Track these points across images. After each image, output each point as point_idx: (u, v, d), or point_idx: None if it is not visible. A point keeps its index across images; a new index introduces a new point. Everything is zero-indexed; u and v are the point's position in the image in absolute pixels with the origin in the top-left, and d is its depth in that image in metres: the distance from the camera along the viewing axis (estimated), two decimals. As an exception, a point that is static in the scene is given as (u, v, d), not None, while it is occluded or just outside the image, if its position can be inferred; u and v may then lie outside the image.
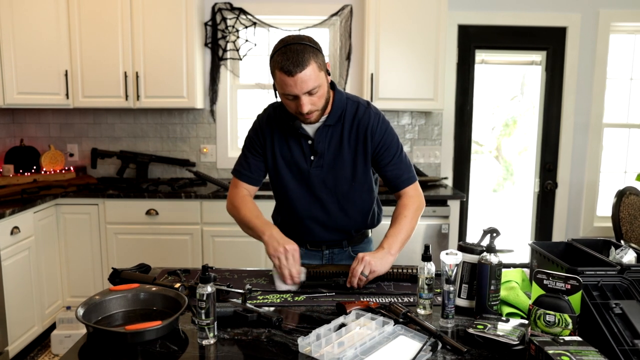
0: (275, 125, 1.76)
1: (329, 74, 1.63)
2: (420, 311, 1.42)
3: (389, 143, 1.74)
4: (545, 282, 1.26)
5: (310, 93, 1.55)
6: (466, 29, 3.86)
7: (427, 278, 1.40)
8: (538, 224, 4.07)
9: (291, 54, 1.49)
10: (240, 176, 1.83)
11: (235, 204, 1.80)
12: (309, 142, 1.73)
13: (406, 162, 1.79)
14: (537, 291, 1.27)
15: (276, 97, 1.66)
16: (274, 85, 1.61)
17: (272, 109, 1.81)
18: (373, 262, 1.58)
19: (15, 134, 3.87)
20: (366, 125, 1.72)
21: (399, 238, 1.68)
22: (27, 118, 3.88)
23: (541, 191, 4.04)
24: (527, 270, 1.71)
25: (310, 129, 1.72)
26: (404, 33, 3.47)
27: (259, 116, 1.83)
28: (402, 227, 1.70)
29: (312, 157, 1.74)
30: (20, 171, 3.53)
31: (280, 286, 1.61)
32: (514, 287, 1.47)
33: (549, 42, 3.89)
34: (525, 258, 1.78)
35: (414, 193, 1.79)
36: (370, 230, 1.97)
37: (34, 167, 3.61)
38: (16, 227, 2.85)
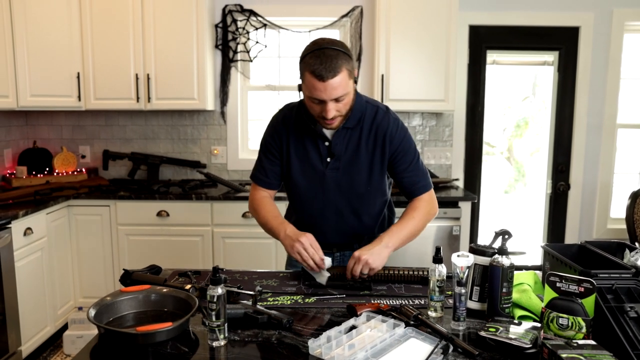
0: (292, 126, 1.76)
1: (356, 82, 1.63)
2: (432, 313, 1.41)
3: (406, 149, 1.74)
4: (558, 284, 1.25)
5: (337, 100, 1.55)
6: (477, 29, 3.84)
7: (438, 280, 1.39)
8: (550, 225, 4.03)
9: (325, 59, 1.49)
10: (257, 181, 1.85)
11: (254, 206, 1.84)
12: (326, 143, 1.73)
13: (422, 170, 1.79)
14: (549, 294, 1.26)
15: (300, 96, 1.66)
16: (299, 85, 1.62)
17: (288, 109, 1.81)
18: (370, 260, 1.59)
19: (29, 136, 3.92)
20: (385, 130, 1.72)
21: (400, 235, 1.69)
22: (40, 120, 3.92)
23: (553, 193, 4.00)
24: (539, 273, 1.69)
25: (328, 131, 1.72)
26: (415, 34, 3.46)
27: (274, 117, 1.83)
28: (406, 225, 1.71)
29: (328, 159, 1.74)
30: (33, 173, 3.57)
31: (316, 277, 1.63)
32: (526, 289, 1.46)
33: (561, 42, 3.85)
34: (538, 260, 1.76)
35: (428, 199, 1.79)
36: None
37: (47, 169, 3.64)
38: (29, 228, 2.88)
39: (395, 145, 1.73)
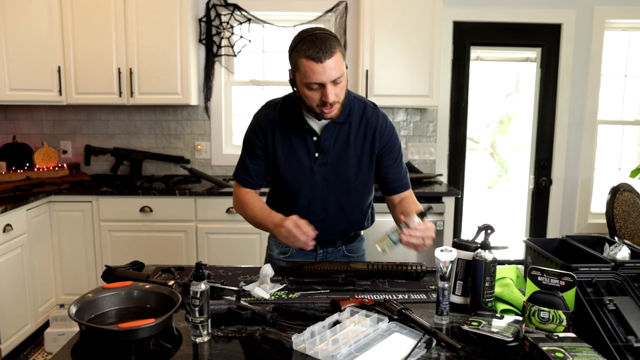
0: (277, 123, 1.74)
1: (346, 68, 1.63)
2: (379, 248, 1.52)
3: (393, 146, 1.76)
4: (539, 278, 1.27)
5: (335, 83, 1.54)
6: (461, 25, 3.86)
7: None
8: (532, 220, 4.08)
9: (318, 42, 1.49)
10: (241, 181, 1.83)
11: (240, 202, 1.82)
12: (314, 138, 1.71)
13: (405, 168, 1.83)
14: (531, 288, 1.27)
15: (294, 89, 1.64)
16: (291, 80, 1.61)
17: (271, 106, 1.78)
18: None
19: (8, 130, 3.85)
20: (375, 125, 1.72)
21: None
22: (20, 115, 3.85)
23: (536, 188, 4.05)
24: (521, 267, 1.71)
25: (317, 126, 1.71)
26: (399, 29, 3.47)
27: (256, 115, 1.80)
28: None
29: (316, 154, 1.72)
30: (13, 168, 3.51)
31: (257, 293, 1.51)
32: (509, 283, 1.48)
33: (544, 38, 3.89)
34: (520, 255, 1.78)
35: (413, 195, 1.83)
36: (361, 231, 1.98)
37: (27, 164, 3.59)
38: (9, 225, 2.83)
39: (384, 140, 1.73)
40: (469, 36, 3.88)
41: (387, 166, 1.76)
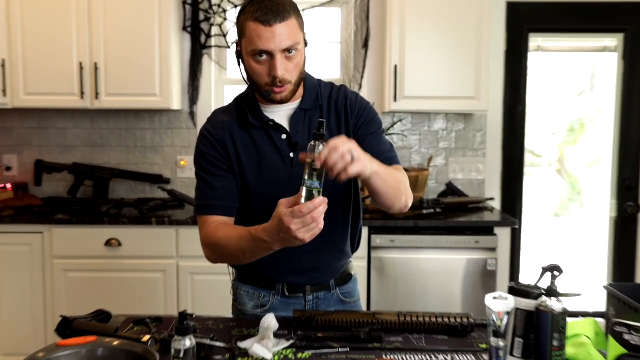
0: (235, 127, 1.78)
1: (307, 45, 1.70)
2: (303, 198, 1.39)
3: (371, 117, 1.80)
4: (626, 336, 1.25)
5: (287, 54, 1.60)
6: (517, 7, 3.89)
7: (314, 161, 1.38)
8: (616, 259, 4.04)
9: (270, 3, 1.57)
10: (209, 209, 1.76)
11: (213, 247, 1.75)
12: (283, 136, 1.75)
13: (389, 143, 1.83)
14: (615, 349, 1.26)
15: (240, 66, 1.71)
16: (237, 52, 1.69)
17: (220, 113, 1.86)
18: (346, 144, 1.42)
19: (-61, 142, 3.91)
20: (344, 101, 1.79)
21: (381, 165, 1.58)
22: (-45, 122, 3.93)
23: (619, 216, 4.01)
24: (601, 321, 1.69)
25: (283, 119, 1.76)
26: (437, 14, 3.49)
27: (205, 128, 1.82)
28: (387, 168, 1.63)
29: (291, 154, 1.75)
30: (-58, 190, 3.56)
31: (256, 351, 1.49)
32: (585, 343, 1.46)
33: (627, 21, 3.89)
34: (600, 305, 1.77)
35: (403, 170, 1.76)
36: (353, 268, 1.99)
37: (-38, 185, 3.64)
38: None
39: (358, 112, 1.79)
40: (527, 21, 3.90)
41: (364, 137, 1.71)
